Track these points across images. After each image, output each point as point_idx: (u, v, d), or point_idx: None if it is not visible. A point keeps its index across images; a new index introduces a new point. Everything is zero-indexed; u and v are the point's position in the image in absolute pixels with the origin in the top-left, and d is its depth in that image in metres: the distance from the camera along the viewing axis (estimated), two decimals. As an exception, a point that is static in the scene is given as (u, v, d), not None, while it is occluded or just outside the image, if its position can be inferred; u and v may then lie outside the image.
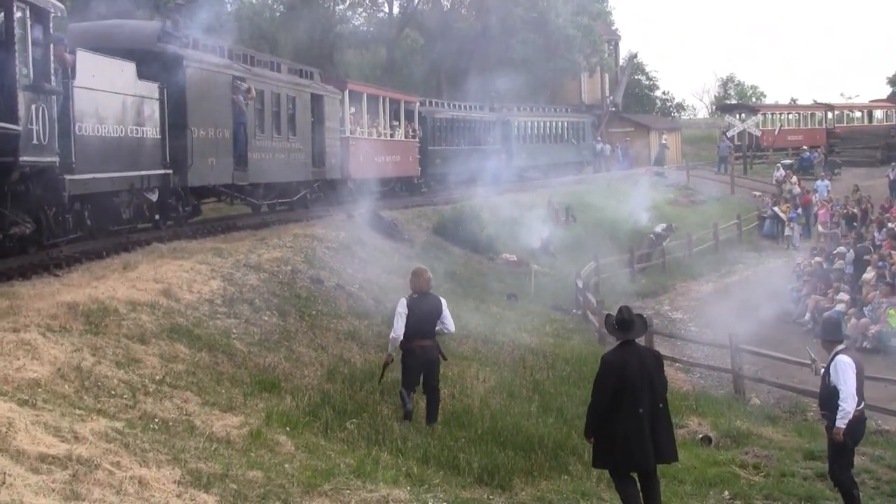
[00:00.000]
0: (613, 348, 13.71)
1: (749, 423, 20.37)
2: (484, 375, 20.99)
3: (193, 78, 28.23)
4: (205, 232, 28.48)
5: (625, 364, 13.05)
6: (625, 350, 13.31)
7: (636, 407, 12.86)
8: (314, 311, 22.40)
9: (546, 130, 67.86)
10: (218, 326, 18.58)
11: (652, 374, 13.12)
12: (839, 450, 14.28)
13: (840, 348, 14.49)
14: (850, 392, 14.01)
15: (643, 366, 13.11)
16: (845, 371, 14.09)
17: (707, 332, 31.99)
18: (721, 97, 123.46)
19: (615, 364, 13.13)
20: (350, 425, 15.55)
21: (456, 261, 35.14)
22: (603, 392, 13.08)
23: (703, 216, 56.28)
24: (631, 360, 13.10)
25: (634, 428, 12.86)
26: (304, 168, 36.59)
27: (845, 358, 14.25)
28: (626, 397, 12.89)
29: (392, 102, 47.92)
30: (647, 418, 12.92)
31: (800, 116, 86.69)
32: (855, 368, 14.16)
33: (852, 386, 14.06)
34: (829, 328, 15.14)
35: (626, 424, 12.87)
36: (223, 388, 15.32)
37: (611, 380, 13.02)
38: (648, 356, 13.54)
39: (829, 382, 14.29)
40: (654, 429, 12.97)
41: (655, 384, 13.12)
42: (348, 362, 19.76)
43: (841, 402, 13.99)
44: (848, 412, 13.99)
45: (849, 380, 14.05)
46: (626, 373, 12.96)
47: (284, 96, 34.92)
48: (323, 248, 28.90)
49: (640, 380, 12.95)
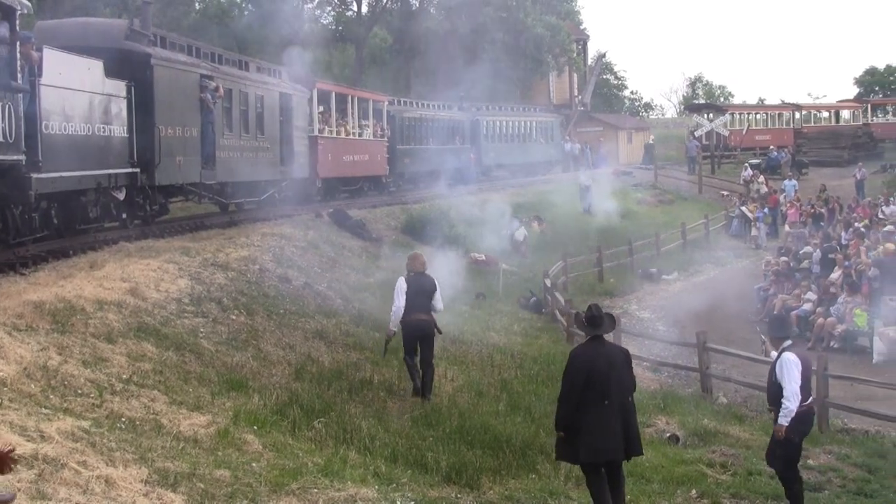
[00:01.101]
0: (582, 343, 14.04)
1: (716, 421, 20.43)
2: (452, 374, 21.03)
3: (161, 76, 28.14)
4: (172, 231, 28.41)
5: (593, 359, 13.28)
6: (594, 346, 13.55)
7: (603, 400, 13.06)
8: (282, 309, 22.38)
9: (515, 130, 67.94)
10: (185, 325, 18.55)
11: (620, 370, 13.33)
12: (784, 445, 14.37)
13: (787, 345, 14.54)
14: (793, 390, 14.05)
15: (611, 361, 13.33)
16: (790, 369, 14.13)
17: (674, 331, 32.06)
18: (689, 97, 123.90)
19: (583, 358, 13.36)
20: (318, 424, 15.54)
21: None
22: (571, 385, 13.25)
23: (671, 216, 56.46)
24: (599, 356, 13.33)
25: (602, 421, 13.07)
26: (272, 167, 36.52)
27: (790, 356, 14.28)
28: (594, 391, 13.09)
29: (361, 101, 47.86)
30: (616, 412, 13.13)
31: (767, 116, 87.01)
32: (801, 366, 14.19)
33: (796, 384, 14.10)
34: (776, 325, 15.26)
35: (594, 417, 13.07)
36: (190, 387, 15.30)
37: (579, 374, 13.21)
38: (616, 352, 13.79)
39: (774, 379, 14.38)
40: (621, 423, 13.20)
41: (623, 379, 13.36)
42: (316, 361, 19.76)
43: (784, 400, 14.05)
44: (790, 410, 14.04)
45: (793, 378, 14.09)
46: (594, 367, 13.17)
47: (252, 95, 34.85)
48: (291, 247, 28.88)
49: (608, 374, 13.15)
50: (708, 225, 53.03)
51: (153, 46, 28.67)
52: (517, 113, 69.26)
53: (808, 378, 14.49)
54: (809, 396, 14.51)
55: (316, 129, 41.53)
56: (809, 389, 14.57)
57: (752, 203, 55.77)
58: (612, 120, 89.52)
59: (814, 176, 72.10)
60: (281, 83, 37.97)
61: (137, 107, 26.65)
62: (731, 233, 54.46)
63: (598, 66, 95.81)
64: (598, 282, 41.01)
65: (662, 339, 30.43)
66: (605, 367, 13.23)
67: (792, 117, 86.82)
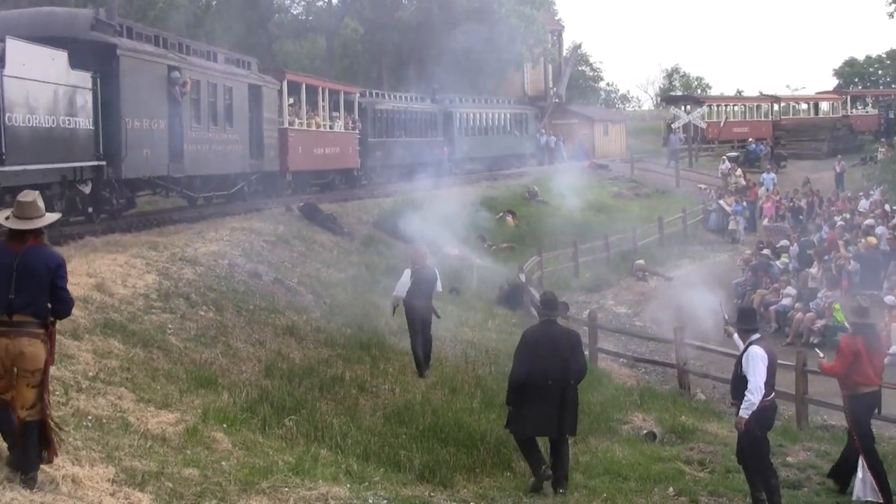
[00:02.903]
0: (534, 325, 15.80)
1: (694, 418, 20.51)
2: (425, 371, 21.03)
3: (127, 67, 28.07)
4: (139, 225, 28.35)
5: (541, 338, 14.85)
6: (544, 327, 15.11)
7: (546, 378, 14.47)
8: (252, 305, 22.36)
9: (489, 122, 67.93)
10: (153, 321, 18.51)
11: (565, 353, 14.74)
12: (749, 440, 14.48)
13: (754, 338, 14.65)
14: (757, 384, 14.19)
15: (558, 343, 14.80)
16: (756, 362, 14.28)
17: (651, 327, 32.15)
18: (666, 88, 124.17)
19: (532, 338, 14.97)
20: (289, 422, 15.54)
21: (397, 255, 35.08)
22: (520, 363, 14.77)
23: (648, 209, 56.48)
24: (548, 336, 14.86)
25: (541, 399, 14.52)
26: (241, 160, 36.46)
27: (758, 349, 14.41)
28: (538, 370, 14.52)
29: (332, 93, 47.79)
30: (556, 392, 14.53)
31: (746, 108, 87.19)
32: (767, 360, 14.31)
33: (761, 378, 14.22)
34: (744, 316, 15.29)
35: (536, 393, 14.52)
36: (158, 385, 15.26)
37: (526, 352, 14.75)
38: (565, 335, 15.26)
39: (740, 372, 14.50)
40: (560, 403, 14.57)
41: (567, 362, 14.71)
42: (287, 358, 19.75)
43: (747, 393, 14.19)
44: (752, 403, 14.19)
45: (758, 371, 14.22)
46: (541, 346, 14.71)
47: (221, 86, 34.79)
48: (261, 241, 28.86)
49: (554, 355, 14.61)
50: (685, 219, 53.10)
51: (119, 37, 28.60)
52: (491, 105, 69.27)
53: (773, 373, 14.61)
54: (772, 391, 14.62)
55: (286, 121, 41.46)
56: (773, 384, 14.67)
57: (730, 196, 55.86)
58: (587, 112, 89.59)
59: (792, 169, 72.24)
60: (250, 74, 37.90)
61: (103, 98, 26.60)
62: (709, 227, 54.52)
63: (573, 58, 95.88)
64: (574, 277, 41.06)
65: (639, 334, 30.53)
66: (551, 349, 14.67)
67: (770, 109, 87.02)
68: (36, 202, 10.44)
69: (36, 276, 10.13)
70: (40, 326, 10.22)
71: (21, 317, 10.10)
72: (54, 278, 10.24)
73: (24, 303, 10.10)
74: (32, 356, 10.09)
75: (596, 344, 26.73)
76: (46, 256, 10.33)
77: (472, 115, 65.44)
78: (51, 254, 10.47)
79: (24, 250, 10.22)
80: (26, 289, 10.10)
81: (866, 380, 15.47)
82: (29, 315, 10.13)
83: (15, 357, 10.05)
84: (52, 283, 10.22)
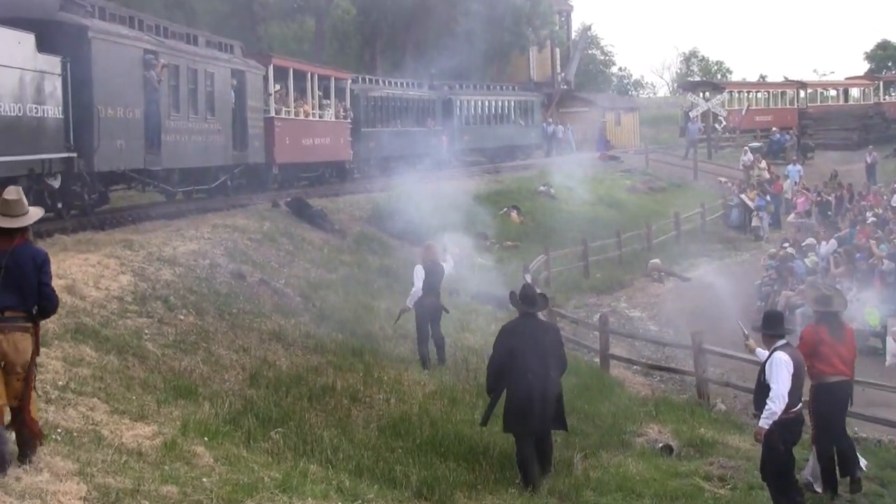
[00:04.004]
0: (513, 319, 16.92)
1: (714, 430, 20.47)
2: (423, 379, 21.04)
3: (100, 51, 28.04)
4: (113, 222, 28.36)
5: (520, 332, 15.90)
6: (524, 321, 16.17)
7: (526, 372, 15.49)
8: (235, 309, 22.36)
9: (492, 110, 67.98)
10: (128, 326, 18.51)
11: (545, 345, 15.83)
12: (771, 455, 14.51)
13: (780, 344, 14.68)
14: (779, 393, 14.25)
15: (537, 336, 15.88)
16: (780, 369, 14.33)
17: (668, 331, 32.15)
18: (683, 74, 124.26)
19: (510, 331, 16.08)
20: (275, 435, 15.53)
21: (392, 254, 35.13)
22: (496, 357, 15.95)
23: (663, 205, 56.50)
24: (526, 330, 15.92)
25: (523, 392, 15.53)
26: (223, 151, 36.46)
27: (782, 355, 14.45)
28: (517, 363, 15.55)
29: (321, 79, 47.79)
30: (537, 385, 15.51)
31: (769, 95, 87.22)
32: (792, 367, 14.34)
33: (784, 386, 14.27)
34: (770, 321, 15.26)
35: (516, 388, 15.59)
36: (134, 395, 15.24)
37: (504, 346, 15.83)
38: (545, 328, 16.45)
39: (763, 380, 14.54)
40: (543, 396, 15.54)
41: (547, 356, 15.76)
42: (273, 365, 19.75)
43: (768, 402, 14.25)
44: (773, 412, 14.24)
45: (781, 379, 14.27)
46: (519, 340, 15.75)
47: (202, 72, 34.77)
48: (245, 239, 28.88)
49: (533, 348, 15.65)
50: (704, 215, 53.09)
51: (91, 18, 28.57)
52: (494, 92, 69.29)
53: (800, 382, 14.66)
54: (798, 402, 14.66)
55: (272, 109, 41.49)
56: (800, 395, 14.74)
57: (752, 190, 55.72)
58: (598, 99, 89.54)
59: (819, 160, 72.21)
60: (233, 59, 37.90)
61: (74, 85, 26.58)
62: (730, 223, 54.48)
63: (582, 41, 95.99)
64: (584, 277, 41.06)
65: (654, 339, 30.53)
66: (530, 343, 15.70)
67: (796, 96, 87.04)
68: (21, 199, 11.22)
69: (25, 273, 10.96)
70: (29, 321, 11.08)
71: (12, 313, 10.96)
72: (40, 275, 11.09)
73: (14, 300, 10.92)
74: (25, 350, 11.04)
75: (607, 350, 26.70)
76: (33, 253, 11.15)
77: (473, 103, 65.49)
78: (37, 250, 11.30)
79: (12, 248, 11.00)
80: (16, 286, 10.90)
81: (830, 368, 15.82)
82: (20, 311, 10.98)
83: (7, 353, 10.90)
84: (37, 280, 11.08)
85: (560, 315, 30.62)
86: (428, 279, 22.65)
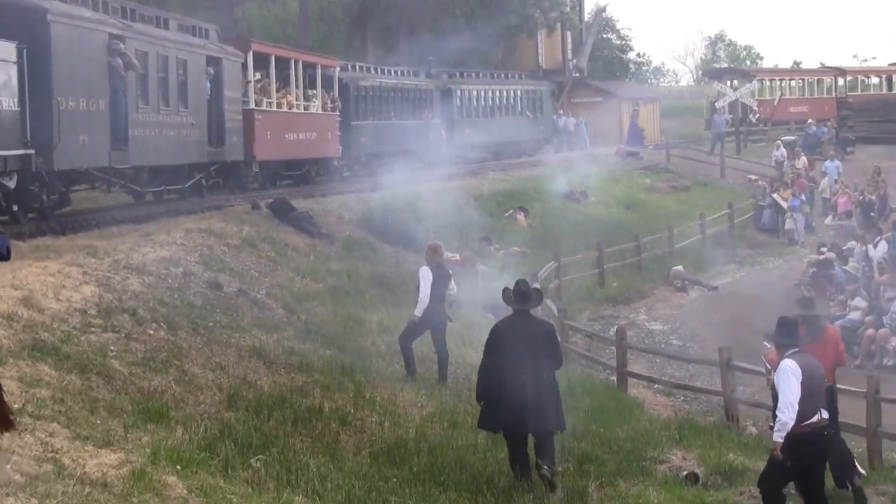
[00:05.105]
0: (506, 316, 17.67)
1: (744, 456, 20.45)
2: (420, 400, 21.02)
3: (60, 36, 28.02)
4: (75, 226, 28.35)
5: (512, 331, 16.79)
6: (516, 319, 17.08)
7: (519, 373, 16.30)
8: (211, 322, 22.35)
9: (496, 101, 68.01)
10: (92, 342, 18.48)
11: (540, 344, 16.65)
12: (772, 465, 14.65)
13: (791, 352, 14.78)
14: (787, 401, 14.46)
15: (531, 335, 16.71)
16: (786, 377, 14.58)
17: (692, 346, 32.16)
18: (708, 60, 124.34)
19: (502, 331, 16.96)
20: (255, 462, 15.51)
21: (385, 261, 35.11)
22: (490, 357, 16.77)
23: (687, 205, 56.52)
24: (519, 329, 16.80)
25: (518, 394, 16.26)
26: (197, 147, 36.45)
27: (789, 363, 14.70)
28: (510, 363, 16.39)
29: (307, 67, 47.79)
30: (532, 385, 16.32)
31: (804, 83, 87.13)
32: (801, 375, 14.48)
33: (792, 394, 14.47)
34: (783, 330, 15.43)
35: (510, 390, 16.29)
36: (98, 419, 15.23)
37: (496, 346, 16.69)
38: (539, 326, 17.36)
39: (774, 392, 14.67)
40: (538, 396, 16.34)
41: (541, 355, 16.56)
42: (253, 385, 19.72)
43: (777, 412, 14.51)
44: (784, 423, 14.48)
45: (790, 387, 14.50)
46: (511, 339, 16.62)
47: (174, 59, 34.76)
48: (222, 245, 28.87)
49: (526, 348, 16.47)
50: (732, 216, 53.08)
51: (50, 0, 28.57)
52: (498, 80, 69.32)
53: (815, 391, 14.84)
54: (815, 414, 14.77)
55: (252, 100, 41.48)
56: (816, 405, 14.87)
57: (786, 189, 55.55)
58: (614, 88, 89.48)
59: (861, 155, 72.27)
60: (209, 45, 37.90)
61: (31, 74, 26.56)
62: (761, 226, 54.46)
63: (596, 23, 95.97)
64: (599, 286, 41.04)
65: (678, 356, 30.50)
66: (524, 341, 16.53)
67: (834, 84, 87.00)
68: None
69: None
70: None
71: None
72: None
73: None
74: None
75: (625, 367, 26.68)
76: None
77: (475, 93, 65.52)
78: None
79: None
80: None
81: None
82: None
83: None
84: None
85: (572, 328, 30.61)
86: (433, 284, 22.76)
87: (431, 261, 23.26)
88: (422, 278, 22.81)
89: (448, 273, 23.63)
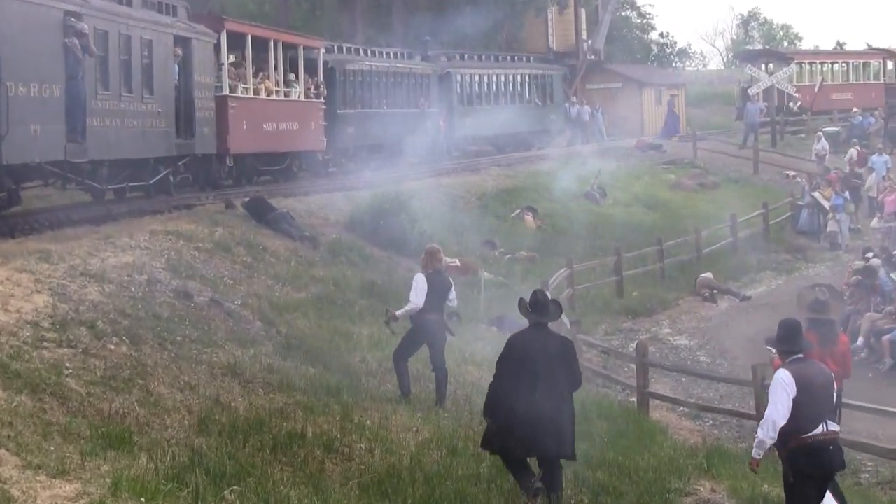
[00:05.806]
0: (521, 330, 17.72)
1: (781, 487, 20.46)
2: (415, 424, 21.01)
3: (9, 14, 28.01)
4: (26, 228, 28.36)
5: (529, 346, 16.79)
6: (533, 333, 17.10)
7: (534, 391, 16.33)
8: (179, 336, 22.36)
9: (500, 87, 68.09)
10: (45, 359, 18.48)
11: (557, 362, 16.65)
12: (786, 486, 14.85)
13: (791, 359, 14.97)
14: (769, 417, 14.91)
15: (549, 351, 16.72)
16: (775, 390, 14.99)
17: (722, 364, 32.17)
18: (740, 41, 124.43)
19: (518, 345, 16.91)
20: (230, 494, 15.50)
21: (376, 267, 35.14)
22: (503, 372, 16.78)
23: (717, 205, 56.51)
24: (536, 344, 16.81)
25: (531, 413, 16.24)
26: (164, 139, 36.44)
27: (782, 374, 15.04)
28: (526, 381, 16.43)
29: (287, 48, 47.82)
30: (548, 405, 16.30)
31: (849, 67, 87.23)
32: (793, 388, 14.78)
33: (777, 410, 14.86)
34: (784, 335, 15.62)
35: (523, 409, 16.28)
36: (52, 445, 15.23)
37: (511, 361, 16.74)
38: (557, 342, 17.19)
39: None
40: (553, 418, 16.32)
41: (558, 373, 16.61)
42: (227, 407, 19.72)
43: (759, 427, 14.65)
44: (760, 440, 15.06)
45: (778, 400, 14.89)
46: (528, 355, 16.63)
47: (137, 40, 34.74)
48: (191, 249, 28.90)
49: (544, 365, 16.50)
50: (767, 217, 53.09)
51: (-3, -28, 28.60)
52: (503, 64, 69.43)
53: (816, 402, 14.99)
54: (816, 427, 14.93)
55: (226, 86, 41.49)
56: (819, 417, 15.00)
57: (828, 187, 55.38)
58: (633, 73, 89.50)
59: (913, 149, 72.35)
60: (177, 23, 37.90)
61: (-25, 57, 26.58)
62: (800, 228, 54.44)
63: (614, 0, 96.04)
64: (617, 296, 41.04)
65: (706, 374, 30.52)
66: (540, 357, 16.57)
67: (882, 68, 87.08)
68: None
69: None
70: None
71: None
72: None
73: None
74: None
75: (646, 387, 26.68)
76: None
77: (477, 78, 65.60)
78: None
79: None
80: None
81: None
82: None
83: None
84: None
85: (587, 343, 30.62)
86: (431, 293, 22.46)
87: (428, 267, 22.89)
88: (414, 285, 22.61)
89: (448, 281, 23.26)
